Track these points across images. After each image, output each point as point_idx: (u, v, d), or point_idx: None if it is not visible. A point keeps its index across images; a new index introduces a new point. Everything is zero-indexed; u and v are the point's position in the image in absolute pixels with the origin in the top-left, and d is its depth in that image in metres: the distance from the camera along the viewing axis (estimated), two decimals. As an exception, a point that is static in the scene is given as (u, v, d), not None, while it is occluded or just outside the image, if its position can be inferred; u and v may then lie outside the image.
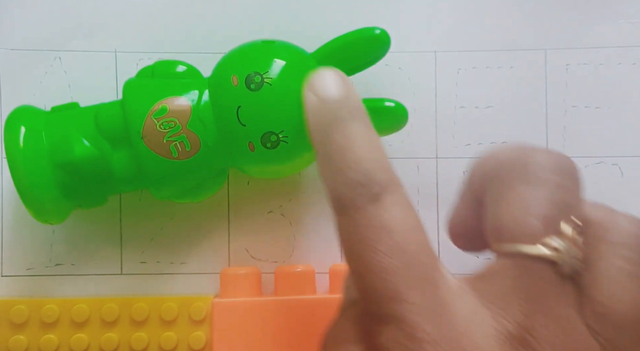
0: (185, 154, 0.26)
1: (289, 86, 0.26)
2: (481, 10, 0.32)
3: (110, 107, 0.27)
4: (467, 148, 0.31)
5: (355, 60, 0.28)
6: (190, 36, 0.31)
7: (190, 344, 0.29)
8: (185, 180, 0.27)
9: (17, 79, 0.31)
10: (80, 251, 0.31)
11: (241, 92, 0.26)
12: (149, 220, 0.31)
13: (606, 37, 0.31)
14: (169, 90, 0.27)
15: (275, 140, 0.26)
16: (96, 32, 0.31)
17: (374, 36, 0.27)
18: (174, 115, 0.26)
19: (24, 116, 0.27)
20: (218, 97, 0.26)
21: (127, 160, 0.26)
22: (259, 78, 0.26)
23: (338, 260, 0.31)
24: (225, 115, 0.26)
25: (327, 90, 0.21)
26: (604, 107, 0.31)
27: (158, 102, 0.26)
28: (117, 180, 0.27)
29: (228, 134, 0.26)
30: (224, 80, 0.26)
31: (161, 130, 0.26)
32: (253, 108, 0.26)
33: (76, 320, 0.29)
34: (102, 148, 0.26)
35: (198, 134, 0.26)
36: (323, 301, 0.28)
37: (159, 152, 0.26)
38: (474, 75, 0.31)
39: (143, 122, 0.26)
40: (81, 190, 0.27)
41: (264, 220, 0.31)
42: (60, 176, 0.26)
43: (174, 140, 0.26)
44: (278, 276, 0.29)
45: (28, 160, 0.26)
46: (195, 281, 0.31)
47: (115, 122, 0.26)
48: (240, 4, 0.31)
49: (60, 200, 0.26)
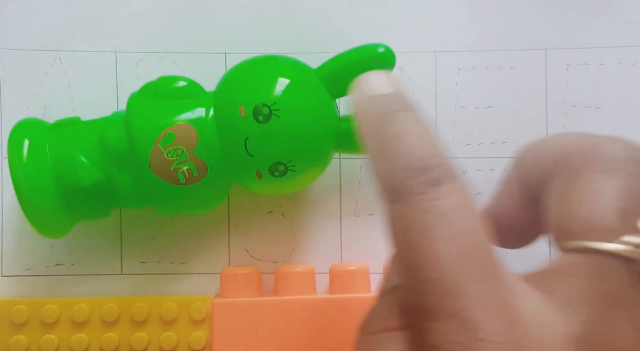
0: (192, 180, 0.26)
1: (297, 116, 0.26)
2: (481, 10, 0.32)
3: (115, 126, 0.26)
4: (467, 148, 0.31)
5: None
6: (191, 36, 0.31)
7: (190, 344, 0.29)
8: (191, 201, 0.27)
9: (17, 79, 0.31)
10: (80, 251, 0.31)
11: (249, 124, 0.26)
12: (149, 220, 0.31)
13: (606, 37, 0.31)
14: (174, 113, 0.26)
15: (283, 170, 0.26)
16: (96, 32, 0.31)
17: (378, 55, 0.26)
18: (180, 143, 0.26)
19: (28, 129, 0.27)
20: (225, 127, 0.26)
21: (133, 183, 0.26)
22: (267, 110, 0.25)
23: (338, 260, 0.31)
24: (233, 146, 0.26)
25: (378, 86, 0.19)
26: (604, 107, 0.31)
27: (165, 129, 0.26)
28: (122, 199, 0.27)
29: (236, 163, 0.26)
30: (230, 109, 0.26)
31: (168, 158, 0.26)
32: (261, 140, 0.26)
33: (76, 320, 0.29)
34: (107, 170, 0.26)
35: (205, 160, 0.26)
36: (323, 301, 0.28)
37: (167, 179, 0.26)
38: (474, 75, 0.31)
39: (150, 151, 0.26)
40: (85, 207, 0.27)
41: (264, 220, 0.31)
42: (64, 193, 0.26)
43: (181, 167, 0.26)
44: (278, 276, 0.29)
45: (31, 174, 0.25)
46: (195, 281, 0.31)
47: (121, 144, 0.26)
48: (241, 4, 0.31)
49: (63, 216, 0.26)
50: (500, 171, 0.31)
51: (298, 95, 0.26)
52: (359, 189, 0.31)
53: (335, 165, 0.31)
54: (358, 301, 0.28)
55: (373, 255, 0.30)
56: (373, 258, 0.30)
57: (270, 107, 0.25)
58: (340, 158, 0.31)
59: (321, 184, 0.31)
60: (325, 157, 0.27)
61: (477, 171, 0.31)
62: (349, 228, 0.31)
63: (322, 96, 0.27)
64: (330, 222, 0.31)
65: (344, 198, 0.31)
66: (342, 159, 0.31)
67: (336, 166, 0.31)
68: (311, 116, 0.26)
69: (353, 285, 0.29)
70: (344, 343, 0.28)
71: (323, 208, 0.31)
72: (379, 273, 0.30)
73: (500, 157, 0.31)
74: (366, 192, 0.31)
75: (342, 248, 0.31)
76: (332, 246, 0.31)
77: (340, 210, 0.31)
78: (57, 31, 0.31)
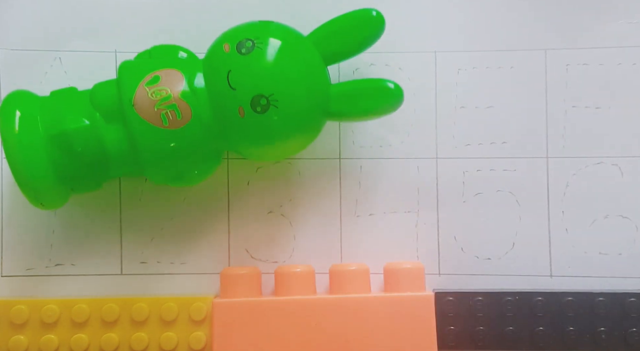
0: (176, 123, 0.26)
1: (280, 49, 0.26)
2: (481, 10, 0.32)
3: (106, 83, 0.27)
4: (467, 148, 0.31)
5: (349, 40, 0.28)
6: (191, 36, 0.31)
7: (190, 344, 0.29)
8: (177, 153, 0.27)
9: (17, 79, 0.31)
10: (80, 251, 0.31)
11: (232, 57, 0.26)
12: (149, 220, 0.31)
13: (606, 37, 0.31)
14: (163, 64, 0.27)
15: (265, 104, 0.26)
16: (96, 32, 0.31)
17: (371, 18, 0.28)
18: (165, 85, 0.26)
19: (19, 100, 0.27)
20: (210, 64, 0.27)
21: (120, 133, 0.26)
22: (250, 43, 0.26)
23: (338, 260, 0.31)
24: (215, 81, 0.26)
25: None
26: (604, 107, 0.31)
27: (151, 72, 0.27)
28: (110, 157, 0.27)
29: (219, 100, 0.26)
30: (216, 48, 0.27)
31: (152, 98, 0.26)
32: (243, 71, 0.26)
33: (76, 320, 0.29)
34: (95, 121, 0.27)
35: (189, 104, 0.26)
36: (323, 302, 0.28)
37: (150, 120, 0.26)
38: (474, 75, 0.31)
39: (135, 90, 0.26)
40: (75, 168, 0.27)
41: (264, 220, 0.31)
42: (55, 155, 0.26)
43: (165, 108, 0.26)
44: (278, 276, 0.29)
45: (23, 141, 0.26)
46: (196, 281, 0.31)
47: (109, 97, 0.27)
48: (241, 5, 0.31)
49: (54, 181, 0.26)
50: (501, 171, 0.31)
51: (284, 32, 0.27)
52: (359, 189, 0.31)
53: (335, 165, 0.31)
54: (358, 301, 0.28)
55: (373, 255, 0.30)
56: (373, 258, 0.30)
57: (253, 41, 0.26)
58: (340, 159, 0.31)
59: (321, 184, 0.31)
60: (310, 100, 0.27)
61: (477, 171, 0.31)
62: (349, 228, 0.31)
63: (310, 48, 0.27)
64: (330, 222, 0.31)
65: (344, 198, 0.31)
66: (342, 159, 0.31)
67: (336, 166, 0.31)
68: (295, 52, 0.27)
69: (353, 285, 0.29)
70: (344, 343, 0.28)
71: (323, 208, 0.31)
72: (379, 273, 0.30)
73: (500, 157, 0.31)
74: (366, 192, 0.31)
75: (342, 248, 0.31)
76: (332, 246, 0.31)
77: (340, 210, 0.31)
78: (57, 31, 0.31)
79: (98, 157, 0.27)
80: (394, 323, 0.28)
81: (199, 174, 0.28)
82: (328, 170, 0.31)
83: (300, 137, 0.28)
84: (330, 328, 0.28)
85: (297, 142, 0.28)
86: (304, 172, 0.31)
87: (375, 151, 0.31)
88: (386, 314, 0.28)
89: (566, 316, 0.29)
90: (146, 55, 0.29)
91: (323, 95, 0.27)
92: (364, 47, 0.28)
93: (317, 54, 0.27)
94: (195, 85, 0.27)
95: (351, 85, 0.28)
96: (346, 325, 0.28)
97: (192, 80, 0.27)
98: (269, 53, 0.26)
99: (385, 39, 0.29)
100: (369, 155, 0.31)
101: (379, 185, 0.31)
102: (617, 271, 0.30)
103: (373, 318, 0.28)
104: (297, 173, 0.31)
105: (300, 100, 0.27)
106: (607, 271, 0.30)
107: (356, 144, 0.31)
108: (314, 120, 0.28)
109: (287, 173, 0.31)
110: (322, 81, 0.27)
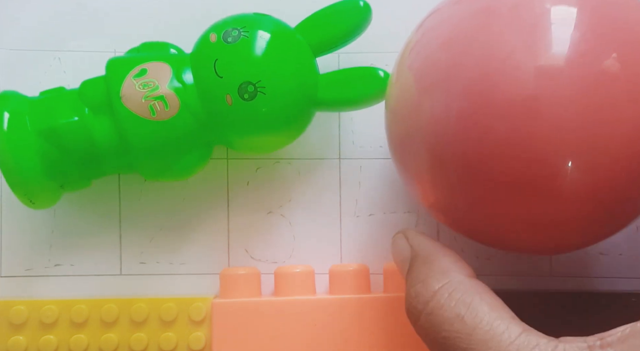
0: (164, 114, 0.26)
1: (266, 37, 0.27)
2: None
3: (94, 79, 0.28)
4: (467, 149, 0.31)
5: (335, 29, 0.28)
6: (191, 36, 0.31)
7: (189, 345, 0.29)
8: (166, 145, 0.27)
9: (17, 79, 0.31)
10: (79, 251, 0.31)
11: (218, 46, 0.27)
12: (148, 220, 0.31)
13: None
14: (151, 58, 0.28)
15: (252, 91, 0.26)
16: (96, 32, 0.31)
17: (358, 8, 0.28)
18: (153, 76, 0.27)
19: (7, 101, 0.27)
20: (197, 55, 0.27)
21: (109, 126, 0.27)
22: (236, 32, 0.27)
23: (338, 261, 0.31)
24: (203, 70, 0.27)
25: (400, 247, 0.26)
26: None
27: (139, 65, 0.27)
28: (99, 151, 0.27)
29: (206, 89, 0.27)
30: (203, 40, 0.28)
31: (140, 89, 0.26)
32: (229, 59, 0.27)
33: (75, 321, 0.29)
34: (84, 115, 0.27)
35: (177, 94, 0.27)
36: (323, 302, 0.28)
37: (138, 112, 0.26)
38: (473, 75, 0.31)
39: (122, 83, 0.27)
40: (64, 163, 0.27)
41: (263, 220, 0.31)
42: (43, 151, 0.26)
43: (153, 99, 0.26)
44: (278, 276, 0.29)
45: (12, 138, 0.26)
46: (195, 281, 0.31)
47: (97, 91, 0.27)
48: (242, 6, 0.31)
49: (43, 177, 0.26)
50: (500, 171, 0.31)
51: (270, 22, 0.27)
52: (359, 189, 0.31)
53: (335, 165, 0.31)
54: (358, 301, 0.28)
55: (373, 255, 0.30)
56: (373, 259, 0.30)
57: (239, 30, 0.27)
58: (340, 159, 0.31)
59: (321, 184, 0.31)
60: (298, 87, 0.27)
61: (477, 171, 0.31)
62: (348, 228, 0.31)
63: (297, 37, 0.28)
64: (330, 222, 0.31)
65: (344, 198, 0.31)
66: (342, 159, 0.31)
67: (336, 166, 0.31)
68: (282, 40, 0.27)
69: (353, 286, 0.29)
70: (344, 344, 0.28)
71: (323, 208, 0.31)
72: (379, 273, 0.30)
73: (500, 157, 0.31)
74: (366, 192, 0.31)
75: (342, 248, 0.31)
76: (332, 246, 0.31)
77: (340, 210, 0.31)
78: (57, 31, 0.31)
79: (87, 152, 0.27)
80: (394, 323, 0.28)
81: (188, 167, 0.28)
82: (328, 170, 0.31)
83: (289, 125, 0.28)
84: (329, 328, 0.28)
85: (286, 131, 0.28)
86: (303, 172, 0.31)
87: (375, 151, 0.31)
88: (386, 314, 0.28)
89: (566, 317, 0.29)
90: (135, 51, 0.29)
91: (311, 83, 0.28)
92: (351, 36, 0.29)
93: (305, 43, 0.28)
94: (182, 76, 0.27)
95: (340, 73, 0.28)
96: (346, 325, 0.28)
97: (179, 72, 0.27)
98: (255, 41, 0.27)
99: (385, 39, 0.29)
100: (369, 155, 0.31)
101: (379, 185, 0.31)
102: (617, 272, 0.30)
103: (373, 318, 0.28)
104: (297, 173, 0.31)
105: (288, 87, 0.27)
106: (607, 271, 0.30)
107: (356, 144, 0.31)
108: (302, 108, 0.28)
109: (286, 174, 0.31)
110: (310, 69, 0.28)
